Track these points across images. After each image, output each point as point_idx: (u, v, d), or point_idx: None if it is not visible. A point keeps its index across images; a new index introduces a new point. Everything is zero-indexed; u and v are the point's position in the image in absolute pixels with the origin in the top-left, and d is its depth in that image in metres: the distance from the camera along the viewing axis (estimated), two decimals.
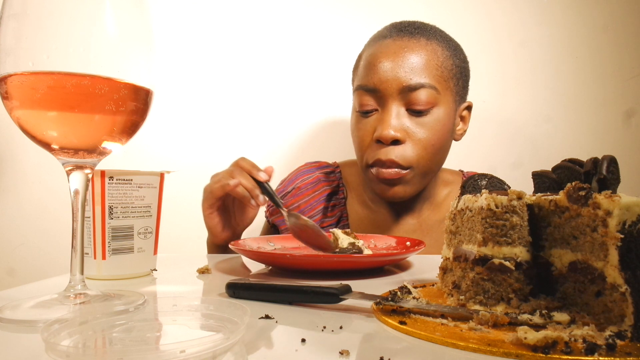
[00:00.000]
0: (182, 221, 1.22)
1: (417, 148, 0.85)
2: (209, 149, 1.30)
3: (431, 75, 0.85)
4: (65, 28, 0.38)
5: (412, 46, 0.86)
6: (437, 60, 0.86)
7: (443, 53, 0.87)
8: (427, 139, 0.85)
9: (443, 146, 0.89)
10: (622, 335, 0.31)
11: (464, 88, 0.93)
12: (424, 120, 0.85)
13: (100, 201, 0.55)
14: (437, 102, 0.85)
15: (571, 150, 1.30)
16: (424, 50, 0.86)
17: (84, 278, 0.43)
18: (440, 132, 0.86)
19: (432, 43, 0.87)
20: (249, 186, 0.76)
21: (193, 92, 1.31)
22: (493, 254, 0.40)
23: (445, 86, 0.87)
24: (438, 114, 0.86)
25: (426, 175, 0.90)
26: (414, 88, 0.83)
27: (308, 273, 0.60)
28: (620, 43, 1.32)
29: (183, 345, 0.27)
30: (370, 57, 0.89)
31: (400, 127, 0.84)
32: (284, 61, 1.32)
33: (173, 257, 0.74)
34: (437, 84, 0.85)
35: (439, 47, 0.87)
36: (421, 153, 0.85)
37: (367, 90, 0.87)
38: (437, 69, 0.86)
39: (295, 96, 1.32)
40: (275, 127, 1.32)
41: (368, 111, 0.88)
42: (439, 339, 0.32)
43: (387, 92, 0.85)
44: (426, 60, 0.85)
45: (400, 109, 0.85)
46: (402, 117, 0.85)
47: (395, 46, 0.86)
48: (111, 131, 0.41)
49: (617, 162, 0.39)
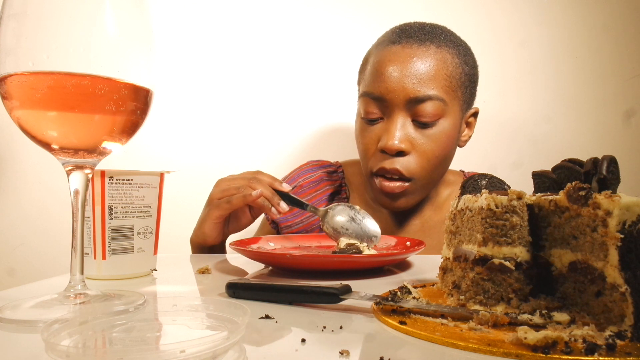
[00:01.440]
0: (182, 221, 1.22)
1: (421, 159, 0.84)
2: (209, 149, 1.30)
3: (439, 86, 0.83)
4: (65, 28, 0.38)
5: (421, 54, 0.83)
6: (446, 70, 0.84)
7: (453, 61, 0.85)
8: (431, 151, 0.84)
9: (447, 156, 0.89)
10: (622, 335, 0.31)
11: (472, 95, 0.92)
12: (430, 132, 0.84)
13: (100, 201, 0.55)
14: (444, 113, 0.84)
15: (571, 150, 1.30)
16: (433, 59, 0.83)
17: (84, 278, 0.43)
18: (445, 143, 0.86)
19: (442, 51, 0.85)
20: (269, 195, 0.76)
21: (193, 92, 1.31)
22: (493, 254, 0.40)
23: (453, 96, 0.85)
24: (444, 125, 0.85)
25: (428, 185, 0.90)
26: (421, 100, 0.82)
27: (308, 273, 0.60)
28: (620, 43, 1.32)
29: (183, 345, 0.27)
30: (377, 63, 0.87)
31: (405, 138, 0.83)
32: (286, 61, 1.32)
33: (173, 257, 0.74)
34: (444, 95, 0.83)
35: (449, 55, 0.85)
36: (424, 165, 0.85)
37: (373, 98, 0.86)
38: (446, 80, 0.84)
39: (296, 97, 1.32)
40: (276, 128, 1.32)
41: (373, 119, 0.87)
42: (439, 339, 0.32)
43: (393, 102, 0.83)
44: (435, 71, 0.83)
45: (406, 119, 0.84)
46: (408, 128, 0.84)
47: (404, 54, 0.84)
48: (111, 131, 0.41)
49: (617, 162, 0.39)
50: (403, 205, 0.89)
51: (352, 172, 1.05)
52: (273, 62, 1.32)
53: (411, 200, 0.89)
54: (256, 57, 1.32)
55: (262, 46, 1.32)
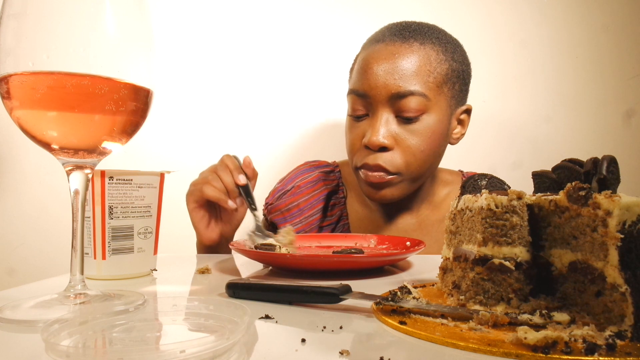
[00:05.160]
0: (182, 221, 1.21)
1: (406, 155, 0.85)
2: (209, 149, 1.30)
3: (422, 82, 0.84)
4: (65, 28, 0.38)
5: (404, 52, 0.85)
6: (429, 66, 0.85)
7: (437, 57, 0.86)
8: (416, 146, 0.85)
9: (435, 152, 0.89)
10: (622, 335, 0.31)
11: (462, 91, 0.92)
12: (414, 127, 0.85)
13: (100, 201, 0.55)
14: (427, 109, 0.85)
15: (571, 150, 1.30)
16: (416, 55, 0.84)
17: (84, 278, 0.43)
18: (430, 138, 0.86)
19: (425, 47, 0.86)
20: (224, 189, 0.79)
21: (193, 92, 1.31)
22: (493, 254, 0.40)
23: (438, 92, 0.86)
24: (428, 120, 0.85)
25: (416, 180, 0.90)
26: (403, 95, 0.83)
27: (308, 273, 0.60)
28: (620, 43, 1.32)
29: (183, 345, 0.27)
30: (362, 61, 0.88)
31: (388, 134, 0.84)
32: (283, 62, 1.32)
33: (173, 257, 0.74)
34: (427, 90, 0.84)
35: (433, 52, 0.86)
36: (410, 160, 0.85)
37: (358, 95, 0.87)
38: (429, 75, 0.84)
39: (294, 97, 1.32)
40: (274, 128, 1.32)
41: (359, 116, 0.88)
42: (439, 339, 0.32)
43: (376, 99, 0.84)
44: (417, 67, 0.84)
45: (389, 115, 0.85)
46: (391, 124, 0.85)
47: (386, 51, 0.85)
48: (111, 131, 0.41)
49: (617, 162, 0.39)
50: (388, 197, 0.88)
51: (349, 172, 1.04)
52: (272, 62, 1.32)
53: (396, 193, 0.88)
54: (255, 57, 1.32)
55: (261, 46, 1.32)
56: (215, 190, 0.79)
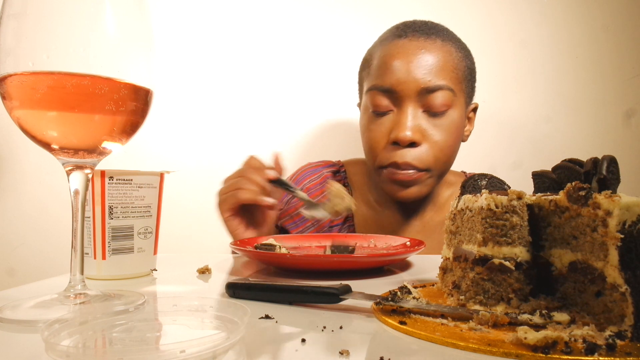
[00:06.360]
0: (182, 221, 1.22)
1: (434, 150, 0.85)
2: (209, 149, 1.30)
3: (448, 77, 0.84)
4: (65, 28, 0.38)
5: (429, 47, 0.85)
6: (452, 62, 0.86)
7: (457, 54, 0.87)
8: (444, 141, 0.85)
9: (457, 148, 0.90)
10: (622, 335, 0.31)
11: (473, 89, 0.94)
12: (440, 122, 0.85)
13: (100, 201, 0.55)
14: (453, 104, 0.85)
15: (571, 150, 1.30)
16: (441, 51, 0.85)
17: (84, 278, 0.43)
18: (455, 133, 0.87)
19: (447, 44, 0.87)
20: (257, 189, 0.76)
21: (193, 92, 1.31)
22: (493, 254, 0.40)
23: (460, 88, 0.87)
24: (453, 115, 0.86)
25: (442, 176, 0.90)
26: (432, 90, 0.83)
27: (308, 273, 0.60)
28: (620, 43, 1.32)
29: (183, 345, 0.27)
30: (385, 57, 0.87)
31: (417, 128, 0.84)
32: (285, 61, 1.32)
33: (173, 257, 0.74)
34: (453, 85, 0.85)
35: (453, 49, 0.87)
36: (438, 155, 0.85)
37: (382, 90, 0.86)
38: (453, 71, 0.85)
39: (297, 96, 1.32)
40: (276, 127, 1.32)
41: (383, 112, 0.87)
42: (439, 339, 0.32)
43: (404, 93, 0.84)
44: (443, 62, 0.85)
45: (417, 110, 0.84)
46: (419, 119, 0.84)
47: (412, 46, 0.85)
48: (111, 131, 0.41)
49: (617, 162, 0.39)
50: (413, 195, 0.88)
51: (354, 172, 1.04)
52: (273, 62, 1.32)
53: (423, 190, 0.88)
54: (256, 57, 1.32)
55: (262, 46, 1.32)
56: (250, 192, 0.76)
